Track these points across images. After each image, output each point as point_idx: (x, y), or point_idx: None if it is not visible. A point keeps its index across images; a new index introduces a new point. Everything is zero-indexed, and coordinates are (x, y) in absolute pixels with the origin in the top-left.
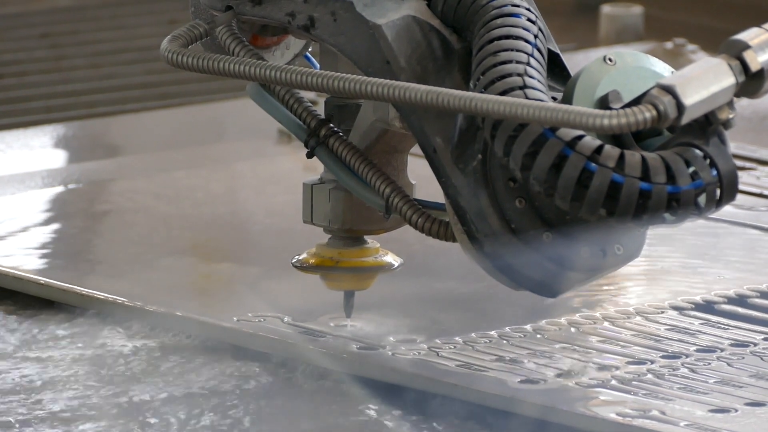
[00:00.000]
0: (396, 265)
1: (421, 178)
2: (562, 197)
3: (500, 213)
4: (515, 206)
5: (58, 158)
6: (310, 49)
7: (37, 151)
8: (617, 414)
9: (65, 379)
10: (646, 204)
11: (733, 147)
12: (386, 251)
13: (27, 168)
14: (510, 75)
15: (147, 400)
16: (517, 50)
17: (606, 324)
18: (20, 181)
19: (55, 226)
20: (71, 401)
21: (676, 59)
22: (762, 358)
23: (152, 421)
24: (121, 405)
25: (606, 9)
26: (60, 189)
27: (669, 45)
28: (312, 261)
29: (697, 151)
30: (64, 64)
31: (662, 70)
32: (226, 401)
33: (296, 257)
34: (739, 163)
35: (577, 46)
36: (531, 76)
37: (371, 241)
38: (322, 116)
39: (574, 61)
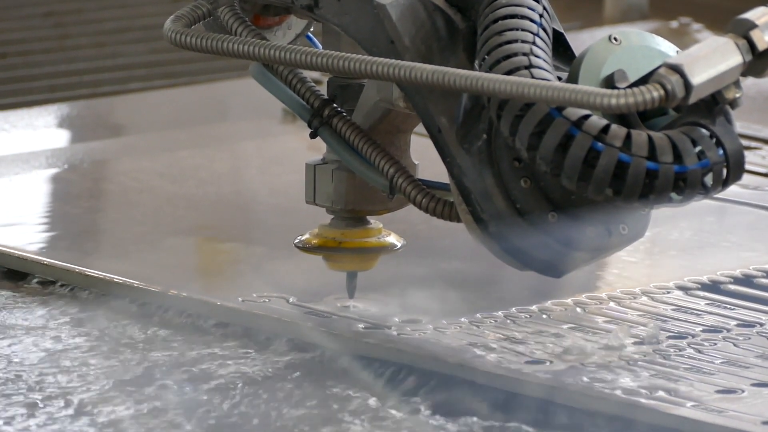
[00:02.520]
0: (399, 245)
1: (424, 158)
2: (568, 177)
3: (505, 193)
4: (520, 186)
5: (62, 138)
6: (311, 29)
7: (41, 130)
8: (623, 394)
9: (68, 357)
10: (653, 184)
11: (739, 126)
12: (389, 232)
13: (31, 148)
14: (516, 54)
15: (148, 379)
16: (523, 30)
17: (612, 304)
18: (24, 161)
19: (59, 206)
20: (73, 379)
21: (681, 38)
22: None
23: (152, 398)
24: (123, 383)
25: None
26: (64, 169)
27: (674, 24)
28: (315, 242)
29: (704, 131)
30: (68, 43)
31: (667, 49)
32: (228, 381)
33: (299, 238)
34: (744, 142)
35: (582, 25)
36: (537, 56)
37: (374, 221)
38: (326, 96)
39: (579, 41)
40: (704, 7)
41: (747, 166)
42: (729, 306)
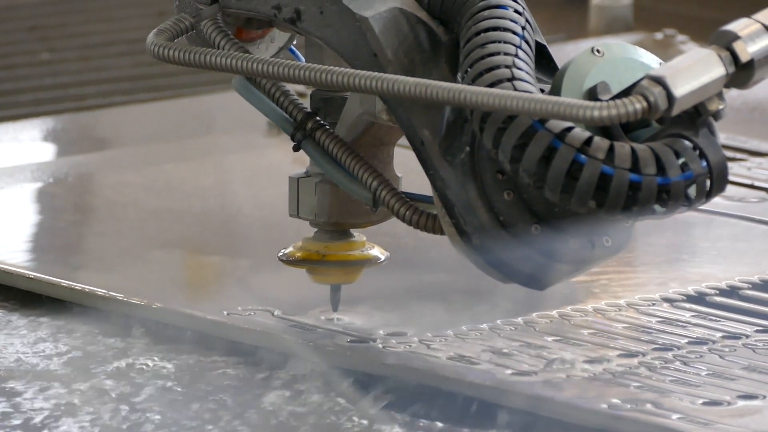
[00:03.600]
0: (383, 258)
1: (408, 170)
2: (551, 189)
3: (488, 206)
4: (503, 199)
5: (47, 151)
6: (294, 42)
7: (26, 144)
8: (609, 406)
9: (52, 373)
10: (636, 196)
11: (724, 138)
12: (373, 244)
13: (16, 161)
14: (498, 67)
15: (134, 393)
16: (505, 42)
17: (597, 316)
18: (9, 175)
19: (44, 219)
20: (57, 394)
21: (666, 50)
22: (754, 351)
23: (136, 414)
24: (108, 398)
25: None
26: (49, 182)
27: (659, 36)
28: (298, 255)
29: (687, 143)
30: (52, 56)
31: (650, 61)
32: (213, 395)
33: (282, 251)
34: (729, 154)
35: (567, 36)
36: (519, 68)
37: (358, 234)
38: (309, 109)
39: (564, 52)
40: (689, 19)
41: (732, 178)
42: (715, 318)
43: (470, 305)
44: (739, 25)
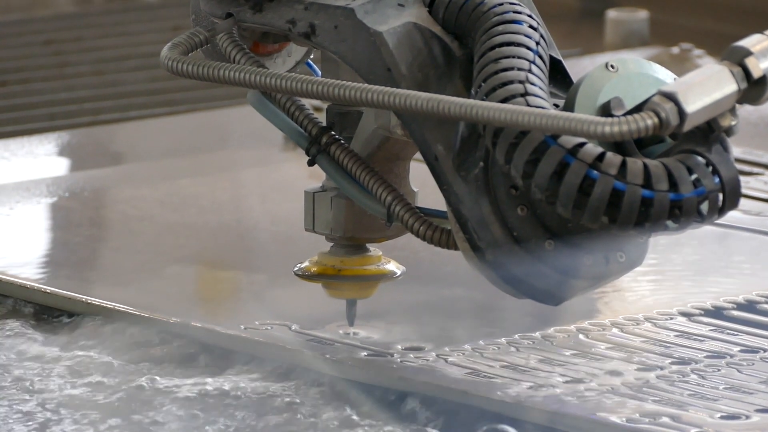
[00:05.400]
0: (398, 273)
1: (426, 185)
2: (563, 205)
3: (502, 221)
4: (517, 214)
5: (62, 166)
6: (311, 57)
7: (41, 158)
8: (627, 420)
9: (68, 387)
10: (648, 212)
11: (740, 152)
12: (389, 259)
13: (32, 176)
14: (511, 82)
15: (152, 407)
16: (519, 57)
17: (615, 330)
18: (25, 189)
19: (59, 234)
20: (75, 409)
21: (682, 64)
22: None
23: (155, 428)
24: (126, 412)
25: (611, 14)
26: (65, 197)
27: (675, 50)
28: (314, 269)
29: (700, 159)
30: (67, 71)
31: (665, 76)
32: (229, 409)
33: (298, 265)
34: (746, 168)
35: (583, 51)
36: (532, 83)
37: (373, 249)
38: (324, 124)
39: (580, 66)
40: (705, 34)
41: (749, 192)
42: (732, 332)
43: (487, 320)
44: (751, 41)
